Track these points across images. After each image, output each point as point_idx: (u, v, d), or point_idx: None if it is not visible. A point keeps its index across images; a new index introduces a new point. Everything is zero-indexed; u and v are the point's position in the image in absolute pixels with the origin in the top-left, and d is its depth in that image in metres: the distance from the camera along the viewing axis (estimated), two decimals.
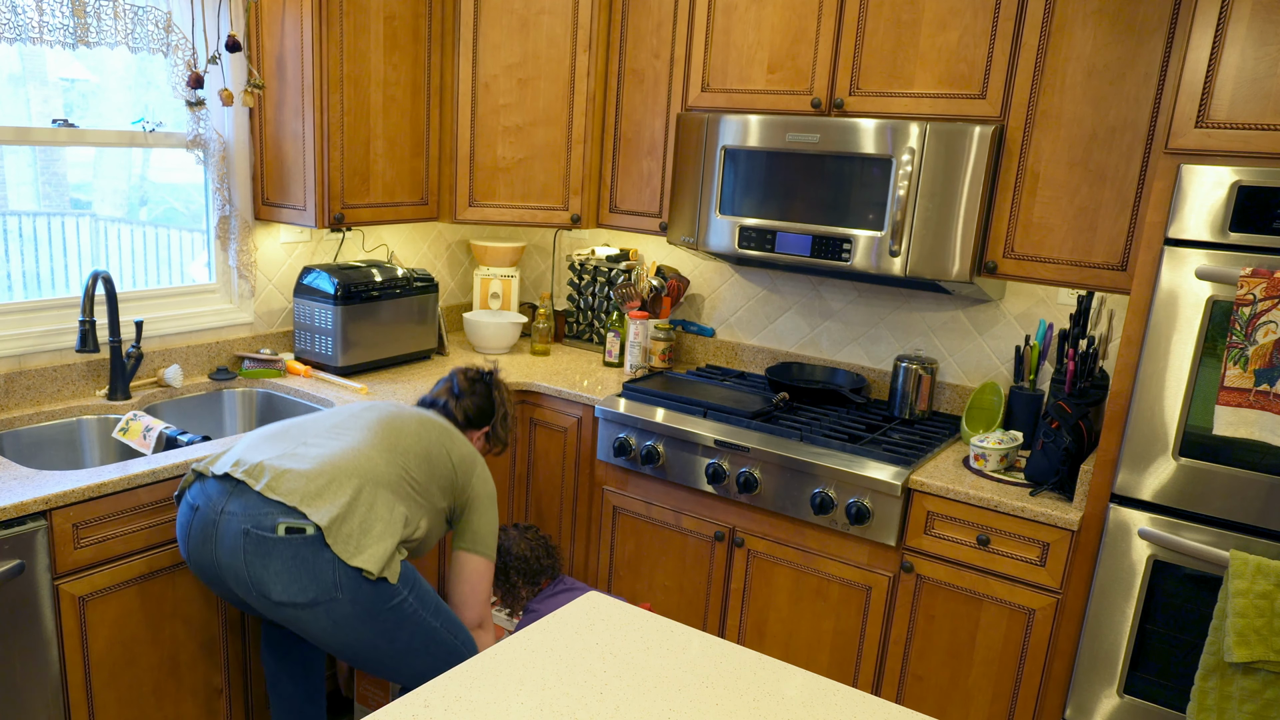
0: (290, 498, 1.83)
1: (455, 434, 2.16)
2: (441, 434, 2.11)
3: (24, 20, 2.21)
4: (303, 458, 1.91)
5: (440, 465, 2.06)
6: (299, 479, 1.85)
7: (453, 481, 2.09)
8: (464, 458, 2.12)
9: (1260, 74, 1.84)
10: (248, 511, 1.83)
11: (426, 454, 2.04)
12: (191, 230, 2.85)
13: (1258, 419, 1.83)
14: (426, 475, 2.03)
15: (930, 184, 2.38)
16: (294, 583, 1.81)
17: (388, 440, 2.00)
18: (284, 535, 1.80)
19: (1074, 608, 2.16)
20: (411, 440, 2.04)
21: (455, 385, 2.34)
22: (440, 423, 2.15)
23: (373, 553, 1.84)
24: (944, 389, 2.83)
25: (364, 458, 1.94)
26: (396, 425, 2.06)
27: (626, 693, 1.33)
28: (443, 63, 2.96)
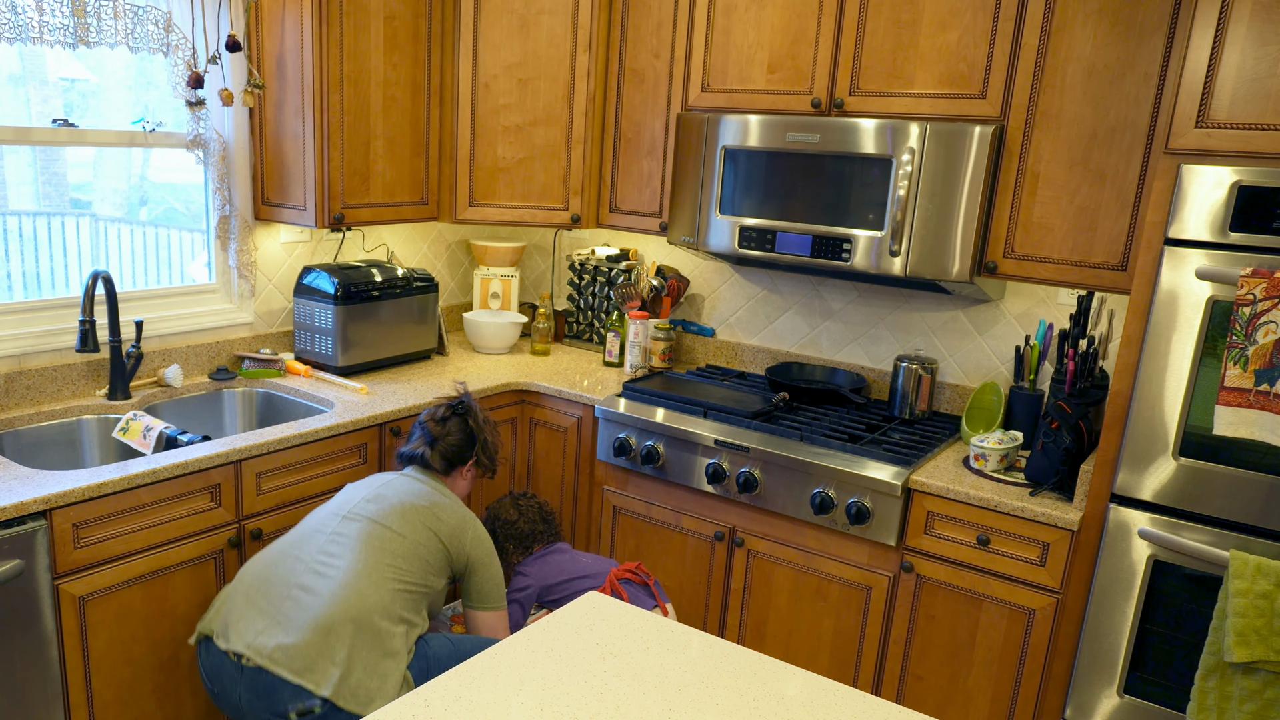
0: (293, 674, 1.85)
1: (440, 505, 2.16)
2: (426, 516, 2.12)
3: (24, 20, 2.21)
4: (292, 623, 1.90)
5: (431, 552, 2.09)
6: (296, 654, 1.86)
7: (447, 558, 2.12)
8: (453, 531, 2.14)
9: (1260, 74, 1.84)
10: (260, 700, 1.87)
11: (415, 549, 2.06)
12: (191, 230, 2.85)
13: (1258, 419, 1.83)
14: (421, 569, 2.06)
15: (930, 184, 2.38)
16: None
17: (375, 557, 2.00)
18: (297, 718, 1.85)
19: (1074, 608, 2.16)
20: (398, 543, 2.04)
21: (427, 433, 2.32)
22: (422, 503, 2.14)
23: (385, 695, 1.89)
24: (944, 389, 2.83)
25: (354, 594, 1.93)
26: (381, 532, 2.04)
27: (626, 693, 1.33)
28: (443, 63, 2.96)
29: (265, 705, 1.86)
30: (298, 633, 1.87)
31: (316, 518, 2.13)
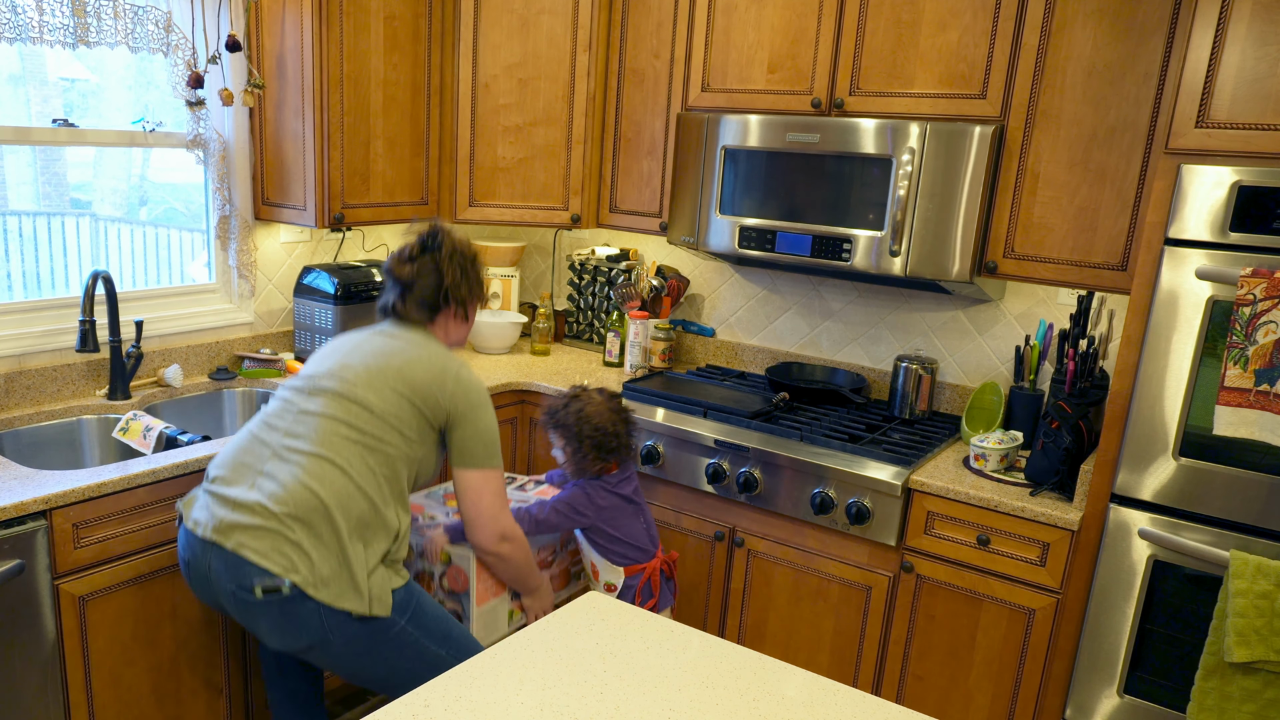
0: (259, 558, 1.77)
1: (412, 362, 1.95)
2: (394, 379, 1.92)
3: (24, 20, 2.21)
4: (256, 511, 1.81)
5: (404, 420, 1.91)
6: (264, 537, 1.79)
7: (423, 420, 1.94)
8: (426, 389, 1.93)
9: (1260, 74, 1.84)
10: (229, 572, 1.80)
11: (384, 421, 1.89)
12: (191, 230, 2.85)
13: (1258, 419, 1.83)
14: (396, 440, 1.90)
15: (930, 184, 2.38)
16: (285, 635, 1.81)
17: (339, 438, 1.86)
18: (263, 597, 1.78)
19: (1074, 608, 2.16)
20: (364, 418, 1.88)
21: (395, 280, 2.06)
22: (391, 364, 1.94)
23: (357, 590, 1.80)
24: (944, 389, 2.83)
25: (317, 481, 1.82)
26: (345, 408, 1.89)
27: (626, 693, 1.33)
28: (443, 63, 2.96)
29: (232, 578, 1.79)
30: (262, 519, 1.79)
31: (285, 390, 1.99)
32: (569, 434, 2.25)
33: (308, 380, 1.97)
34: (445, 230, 2.09)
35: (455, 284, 2.06)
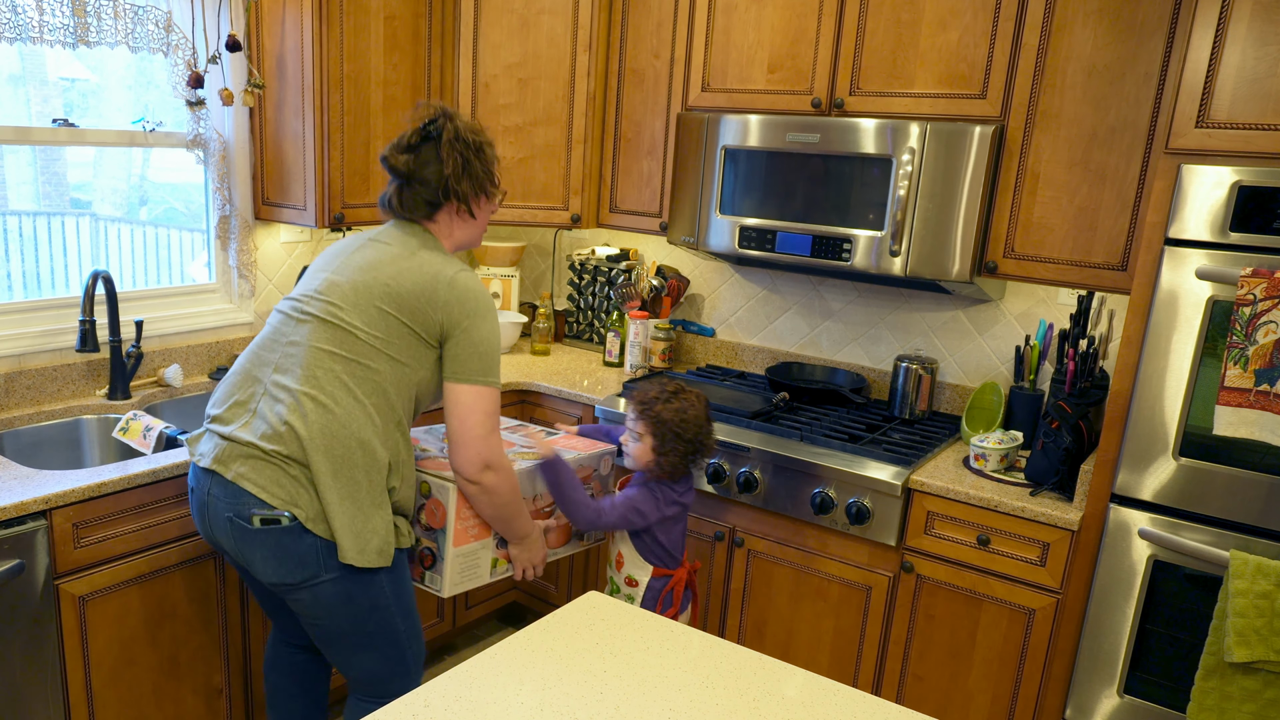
0: (259, 490, 1.74)
1: (402, 272, 1.81)
2: (380, 293, 1.80)
3: (24, 20, 2.21)
4: (254, 445, 1.76)
5: (394, 340, 1.79)
6: (264, 470, 1.75)
7: (414, 337, 1.81)
8: (415, 299, 1.80)
9: (1260, 74, 1.84)
10: (228, 499, 1.77)
11: (371, 343, 1.78)
12: (191, 230, 2.85)
13: (1258, 419, 1.83)
14: (387, 366, 1.79)
15: (930, 184, 2.38)
16: (280, 567, 1.78)
17: (327, 365, 1.77)
18: (261, 526, 1.75)
19: (1074, 608, 2.16)
20: (350, 343, 1.78)
21: (394, 170, 1.90)
22: (379, 277, 1.81)
23: (353, 533, 1.75)
24: (944, 389, 2.83)
25: (309, 419, 1.74)
26: (330, 334, 1.79)
27: (626, 693, 1.33)
28: (443, 63, 2.96)
29: (230, 505, 1.77)
30: (260, 455, 1.75)
31: (277, 312, 1.90)
32: (664, 431, 2.10)
33: (295, 304, 1.86)
34: (450, 114, 1.89)
35: (455, 175, 1.87)
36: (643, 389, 2.18)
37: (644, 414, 2.13)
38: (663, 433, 2.11)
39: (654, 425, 2.11)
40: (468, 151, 1.88)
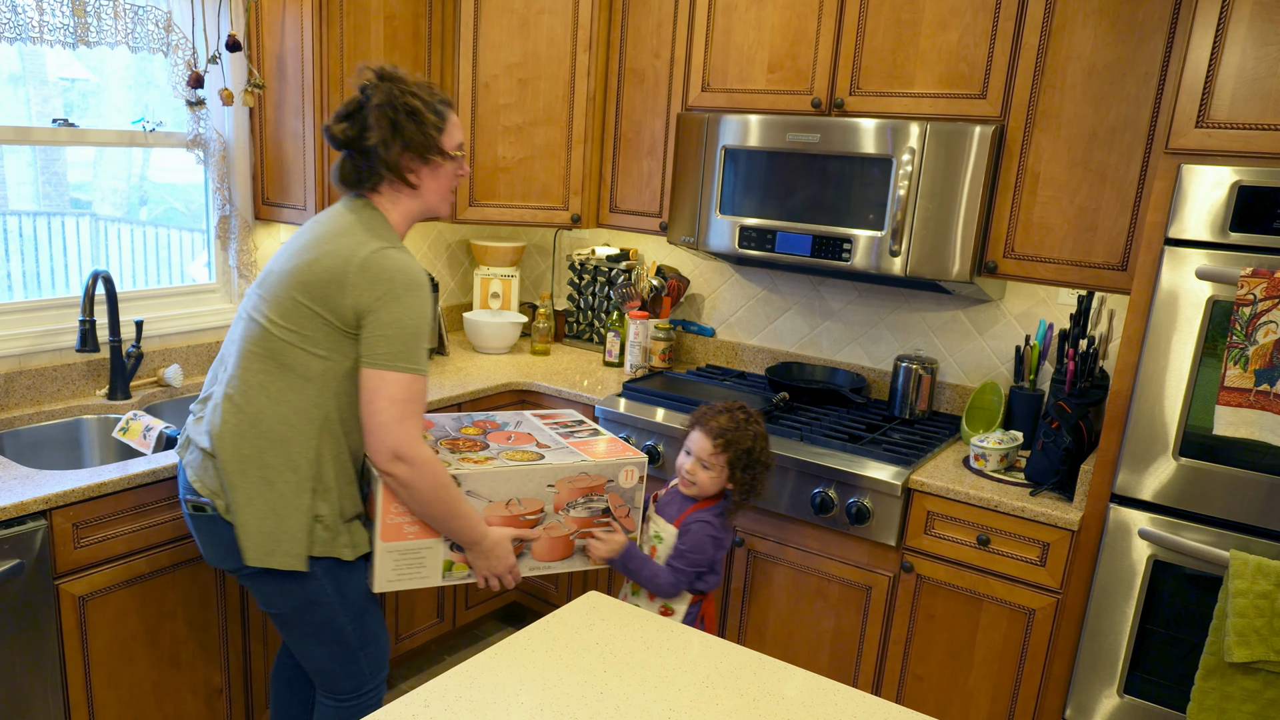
0: (194, 478, 1.78)
1: (322, 253, 1.70)
2: (295, 282, 1.71)
3: (24, 20, 2.21)
4: (201, 432, 1.77)
5: (306, 327, 1.69)
6: (196, 457, 1.78)
7: (331, 326, 1.70)
8: (325, 284, 1.68)
9: (1260, 74, 1.84)
10: (180, 483, 1.86)
11: (286, 335, 1.71)
12: (191, 230, 2.85)
13: (1258, 419, 1.83)
14: (302, 354, 1.70)
15: (930, 184, 2.38)
16: (215, 553, 1.83)
17: (252, 366, 1.73)
18: (193, 512, 1.80)
19: (1074, 608, 2.16)
20: (271, 343, 1.71)
21: (332, 136, 1.78)
22: (302, 260, 1.71)
23: (270, 535, 1.71)
24: (944, 389, 2.83)
25: (229, 424, 1.71)
26: (256, 334, 1.74)
27: (626, 693, 1.33)
28: (443, 63, 2.96)
29: (181, 489, 1.85)
30: (204, 433, 1.77)
31: (240, 306, 1.87)
32: (743, 458, 1.99)
33: (245, 298, 1.84)
34: (387, 76, 1.74)
35: (384, 142, 1.72)
36: (705, 414, 2.03)
37: (727, 447, 1.98)
38: (742, 459, 1.98)
39: (732, 454, 1.98)
40: (398, 116, 1.72)
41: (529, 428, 2.15)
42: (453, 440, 2.02)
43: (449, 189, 1.87)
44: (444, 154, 1.80)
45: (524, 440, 2.05)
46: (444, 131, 1.79)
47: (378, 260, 1.69)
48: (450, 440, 2.01)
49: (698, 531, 2.00)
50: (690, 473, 2.01)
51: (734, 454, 1.98)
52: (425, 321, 1.71)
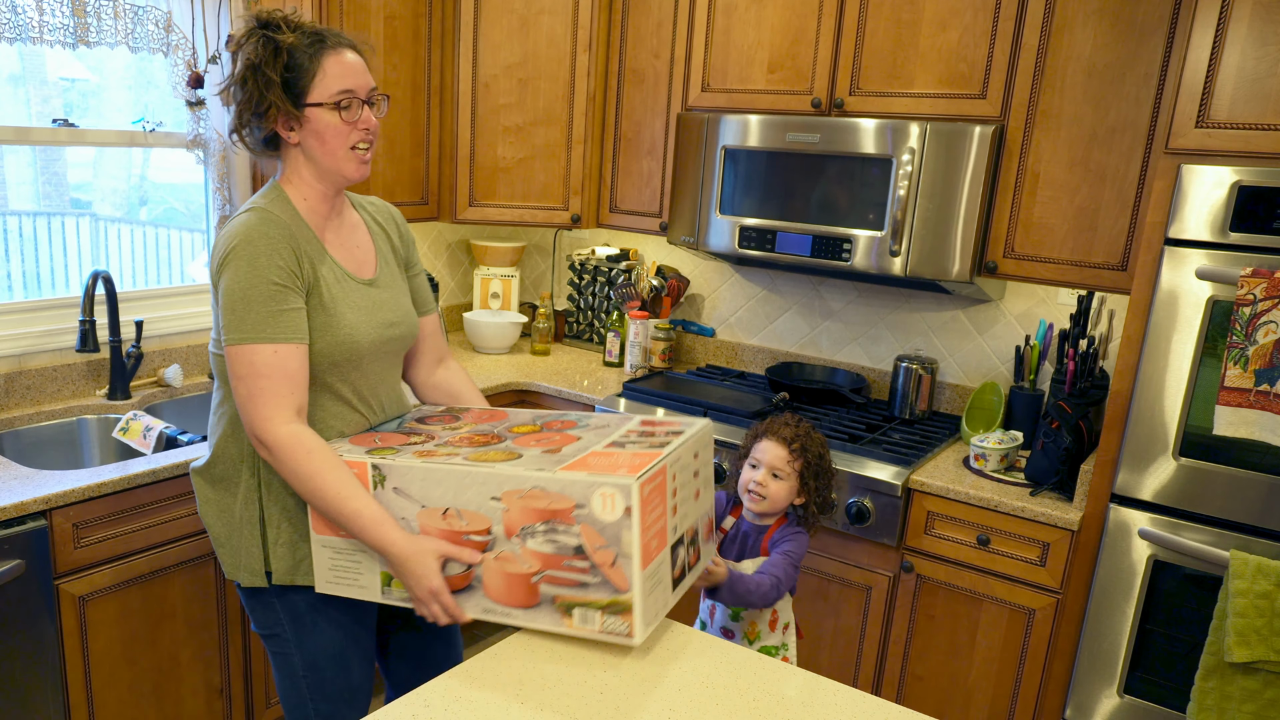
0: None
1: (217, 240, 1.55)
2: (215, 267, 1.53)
3: (24, 20, 2.21)
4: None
5: (218, 322, 1.56)
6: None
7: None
8: (213, 272, 1.54)
9: (1260, 74, 1.84)
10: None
11: (213, 347, 1.62)
12: (191, 230, 2.85)
13: (1258, 419, 1.83)
14: (218, 347, 1.58)
15: (930, 184, 2.38)
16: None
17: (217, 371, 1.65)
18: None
19: (1074, 608, 2.16)
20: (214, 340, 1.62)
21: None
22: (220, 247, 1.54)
23: (233, 550, 1.60)
24: (944, 389, 2.83)
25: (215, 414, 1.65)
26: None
27: (626, 692, 1.33)
28: (443, 63, 2.96)
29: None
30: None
31: None
32: (815, 465, 1.83)
33: None
34: (263, 23, 1.52)
35: (229, 95, 1.54)
36: (772, 424, 1.88)
37: (803, 453, 1.82)
38: (817, 467, 1.83)
39: (808, 462, 1.82)
40: (253, 58, 1.50)
41: (587, 429, 1.59)
42: (424, 420, 1.70)
43: (338, 144, 1.55)
44: (298, 102, 1.52)
45: (541, 439, 1.54)
46: (317, 65, 1.53)
47: (224, 230, 1.53)
48: (423, 420, 1.70)
49: (788, 539, 1.83)
50: (761, 485, 1.83)
51: (807, 460, 1.82)
52: (252, 285, 1.47)
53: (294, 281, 1.50)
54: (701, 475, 1.57)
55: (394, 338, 1.68)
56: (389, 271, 1.73)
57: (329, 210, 1.63)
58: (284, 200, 1.58)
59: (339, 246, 1.65)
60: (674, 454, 1.44)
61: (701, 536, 1.59)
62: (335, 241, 1.64)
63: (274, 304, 1.48)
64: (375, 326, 1.63)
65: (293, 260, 1.51)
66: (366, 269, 1.68)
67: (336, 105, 1.53)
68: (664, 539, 1.41)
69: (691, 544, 1.54)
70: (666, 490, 1.41)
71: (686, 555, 1.51)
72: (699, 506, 1.56)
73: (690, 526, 1.52)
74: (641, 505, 1.32)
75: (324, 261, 1.58)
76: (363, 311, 1.62)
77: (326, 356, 1.56)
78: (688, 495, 1.50)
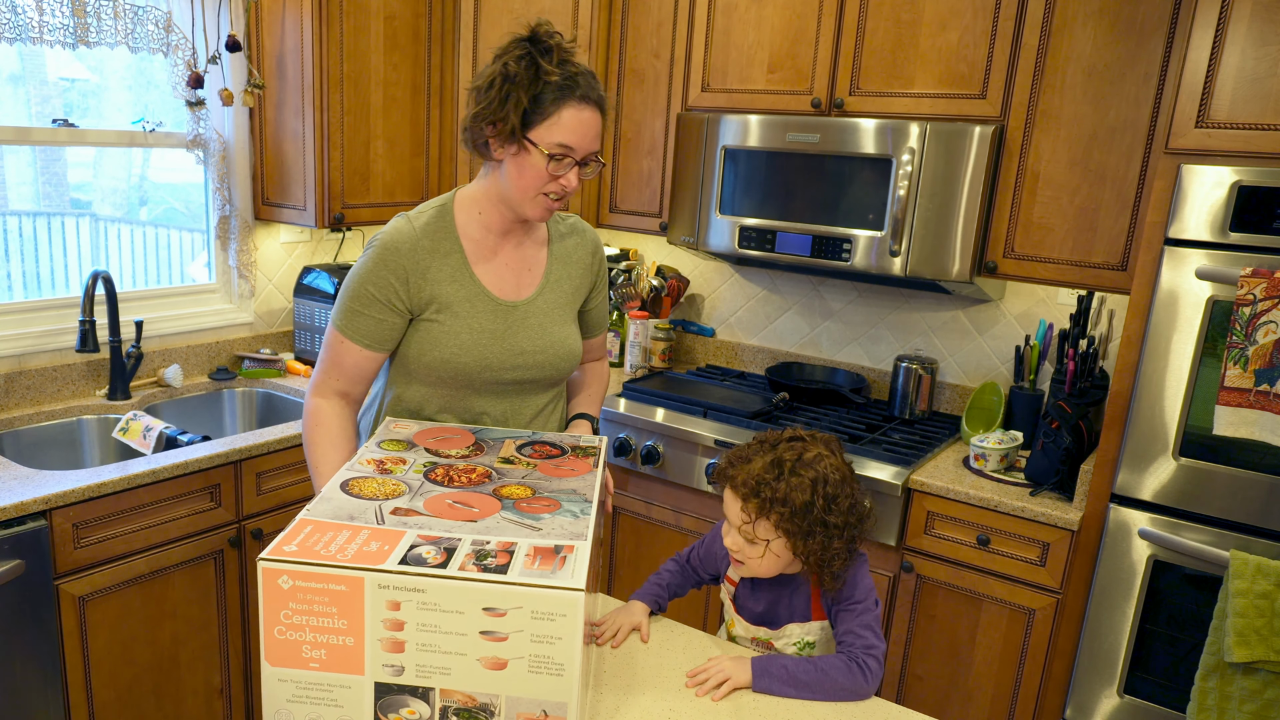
0: None
1: None
2: None
3: (24, 20, 2.21)
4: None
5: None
6: None
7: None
8: None
9: (1260, 74, 1.84)
10: None
11: None
12: (191, 230, 2.85)
13: (1258, 419, 1.83)
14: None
15: (930, 184, 2.38)
16: None
17: None
18: None
19: (1074, 608, 2.16)
20: None
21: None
22: None
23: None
24: (944, 389, 2.83)
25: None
26: None
27: (627, 693, 1.32)
28: (443, 63, 2.96)
29: None
30: None
31: None
32: (800, 521, 1.35)
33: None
34: (532, 37, 1.58)
35: (480, 102, 1.55)
36: (734, 458, 1.42)
37: (770, 506, 1.35)
38: (801, 524, 1.34)
39: (785, 517, 1.35)
40: (505, 72, 1.54)
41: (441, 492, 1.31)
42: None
43: (533, 185, 1.54)
44: (523, 140, 1.52)
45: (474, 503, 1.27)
46: (545, 118, 1.52)
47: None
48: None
49: (857, 569, 1.43)
50: (736, 552, 1.41)
51: (789, 511, 1.34)
52: (356, 283, 1.58)
53: (390, 298, 1.57)
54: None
55: (518, 365, 1.63)
56: (552, 299, 1.68)
57: (506, 227, 1.63)
58: (444, 212, 1.62)
59: (496, 264, 1.64)
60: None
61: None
62: (493, 259, 1.64)
63: (360, 306, 1.58)
64: (496, 351, 1.61)
65: (396, 283, 1.57)
66: (521, 291, 1.66)
67: (550, 155, 1.52)
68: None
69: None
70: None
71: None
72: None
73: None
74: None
75: (456, 280, 1.60)
76: (486, 334, 1.61)
77: (432, 371, 1.61)
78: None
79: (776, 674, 1.34)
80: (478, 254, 1.62)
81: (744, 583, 1.49)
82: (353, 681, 1.12)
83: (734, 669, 1.35)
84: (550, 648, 1.06)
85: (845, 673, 1.33)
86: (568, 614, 1.05)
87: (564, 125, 1.52)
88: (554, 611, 1.05)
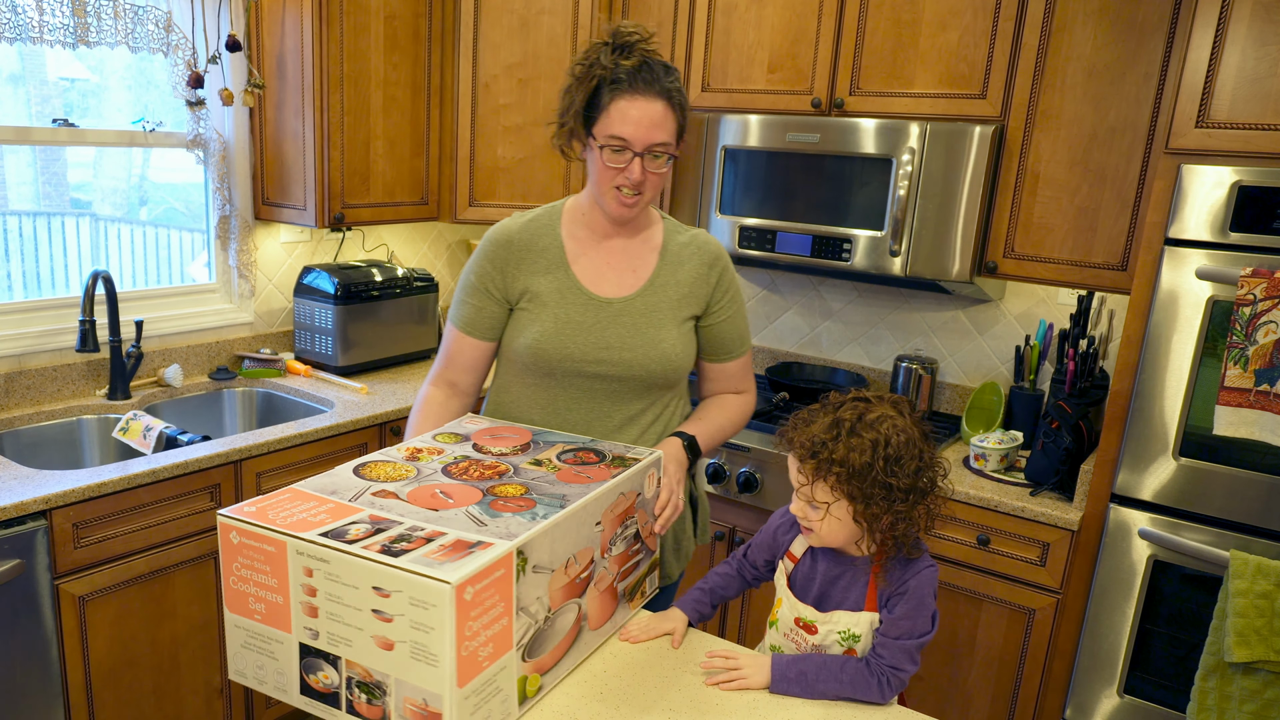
0: None
1: None
2: None
3: (24, 20, 2.21)
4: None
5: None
6: None
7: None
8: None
9: (1260, 74, 1.84)
10: None
11: None
12: (191, 230, 2.85)
13: (1258, 419, 1.83)
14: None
15: (930, 184, 2.38)
16: None
17: None
18: None
19: (1074, 608, 2.16)
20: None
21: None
22: None
23: None
24: (944, 389, 2.83)
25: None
26: None
27: (627, 693, 1.32)
28: (443, 63, 2.96)
29: None
30: None
31: None
32: (862, 482, 1.30)
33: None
34: (611, 39, 1.54)
35: (563, 101, 1.60)
36: (798, 420, 1.38)
37: (829, 466, 1.30)
38: (864, 487, 1.29)
39: (844, 478, 1.30)
40: (574, 73, 1.57)
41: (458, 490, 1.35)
42: (472, 464, 1.43)
43: (603, 180, 1.57)
44: (585, 133, 1.58)
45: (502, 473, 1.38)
46: (600, 112, 1.54)
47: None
48: (467, 464, 1.43)
49: (922, 584, 1.33)
50: (802, 519, 1.37)
51: (848, 470, 1.29)
52: (465, 275, 1.70)
53: (489, 285, 1.66)
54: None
55: (603, 360, 1.60)
56: (654, 301, 1.64)
57: (608, 228, 1.66)
58: (553, 211, 1.71)
59: (597, 261, 1.65)
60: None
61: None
62: (594, 256, 1.66)
63: (464, 295, 1.69)
64: (580, 343, 1.60)
65: (495, 272, 1.66)
66: (622, 289, 1.64)
67: (603, 147, 1.54)
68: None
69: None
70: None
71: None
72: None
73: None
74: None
75: (550, 273, 1.64)
76: (572, 325, 1.61)
77: (518, 358, 1.66)
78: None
79: (795, 679, 1.34)
80: (578, 251, 1.66)
81: (805, 559, 1.45)
82: (284, 638, 1.22)
83: (752, 669, 1.35)
84: (426, 636, 1.09)
85: (866, 690, 1.32)
86: (438, 605, 1.06)
87: (614, 117, 1.53)
88: (426, 600, 1.07)
